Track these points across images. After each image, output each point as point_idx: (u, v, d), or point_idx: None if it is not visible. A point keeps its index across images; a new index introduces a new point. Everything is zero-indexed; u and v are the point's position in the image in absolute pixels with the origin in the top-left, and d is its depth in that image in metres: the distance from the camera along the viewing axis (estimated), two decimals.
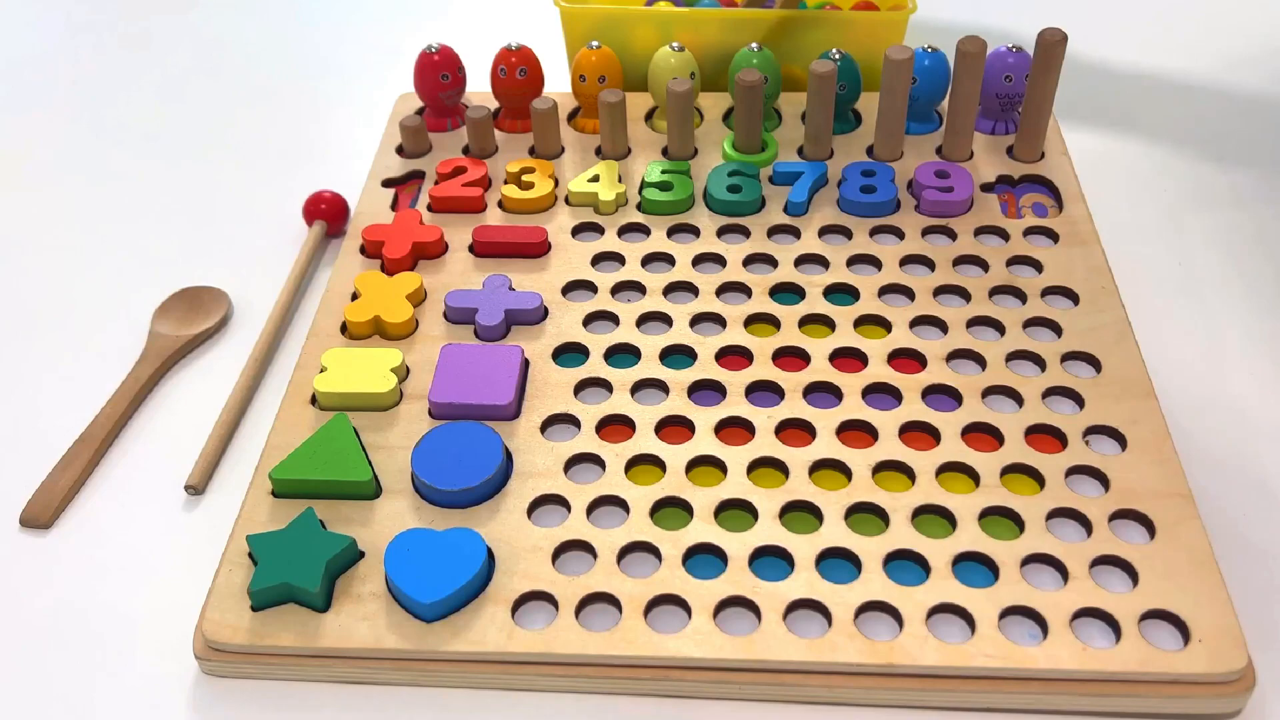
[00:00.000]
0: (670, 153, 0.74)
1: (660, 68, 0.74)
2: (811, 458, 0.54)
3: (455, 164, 0.73)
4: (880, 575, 0.49)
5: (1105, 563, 0.50)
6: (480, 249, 0.68)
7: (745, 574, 0.50)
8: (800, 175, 0.71)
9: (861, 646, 0.47)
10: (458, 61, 0.77)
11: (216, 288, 0.70)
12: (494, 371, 0.59)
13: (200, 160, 0.83)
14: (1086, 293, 0.63)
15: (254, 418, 0.62)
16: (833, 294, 0.64)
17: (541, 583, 0.50)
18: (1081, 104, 0.77)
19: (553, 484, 0.54)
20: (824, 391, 0.58)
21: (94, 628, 0.52)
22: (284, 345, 0.67)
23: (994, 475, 0.53)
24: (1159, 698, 0.46)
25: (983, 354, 0.60)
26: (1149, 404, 0.56)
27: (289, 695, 0.49)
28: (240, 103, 0.90)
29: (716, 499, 0.53)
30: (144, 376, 0.64)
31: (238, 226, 0.76)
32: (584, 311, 0.63)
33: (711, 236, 0.68)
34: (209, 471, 0.59)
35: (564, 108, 0.79)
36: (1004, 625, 0.48)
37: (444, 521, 0.52)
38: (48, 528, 0.57)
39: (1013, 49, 0.73)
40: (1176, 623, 0.48)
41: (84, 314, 0.69)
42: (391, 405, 0.58)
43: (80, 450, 0.59)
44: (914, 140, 0.74)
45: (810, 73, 0.69)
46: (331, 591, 0.50)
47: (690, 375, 0.59)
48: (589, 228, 0.69)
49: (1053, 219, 0.68)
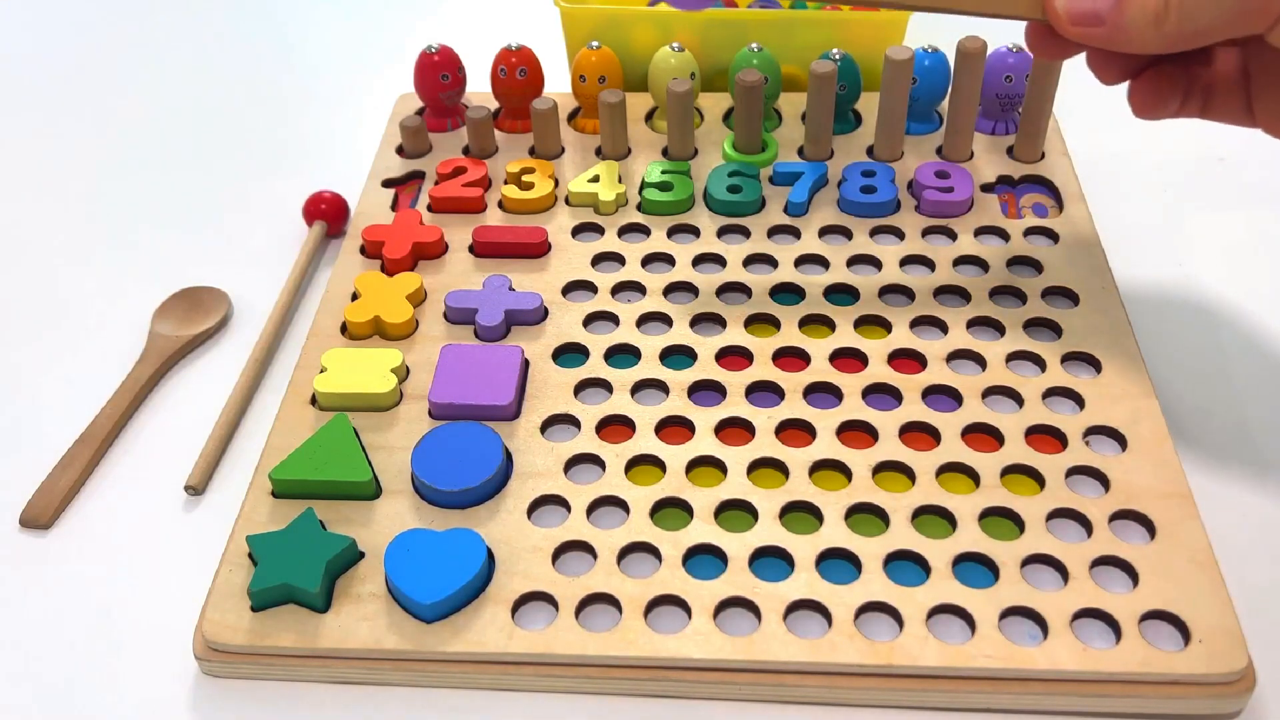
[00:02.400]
0: (670, 153, 0.74)
1: (660, 68, 0.74)
2: (811, 458, 0.54)
3: (455, 164, 0.73)
4: (880, 576, 0.49)
5: (1105, 563, 0.50)
6: (480, 249, 0.68)
7: (745, 574, 0.50)
8: (800, 175, 0.71)
9: (862, 647, 0.47)
10: (458, 62, 0.76)
11: (216, 288, 0.70)
12: (494, 372, 0.58)
13: (200, 160, 0.83)
14: (1086, 293, 0.63)
15: (254, 418, 0.62)
16: (833, 294, 0.64)
17: (541, 583, 0.50)
18: (1081, 104, 0.77)
19: (553, 484, 0.54)
20: (824, 392, 0.58)
21: (94, 628, 0.52)
22: (284, 345, 0.67)
23: (994, 475, 0.53)
24: (1159, 698, 0.46)
25: (983, 354, 0.60)
26: (1149, 404, 0.56)
27: (289, 695, 0.49)
28: (240, 103, 0.90)
29: (716, 499, 0.53)
30: (144, 376, 0.64)
31: (238, 226, 0.76)
32: (584, 312, 0.63)
33: (711, 237, 0.68)
34: (209, 471, 0.59)
35: (564, 108, 0.79)
36: (1004, 626, 0.48)
37: (444, 522, 0.52)
38: (48, 528, 0.56)
39: (1013, 49, 0.73)
40: (1176, 623, 0.48)
41: (84, 314, 0.69)
42: (391, 405, 0.58)
43: (80, 450, 0.59)
44: (914, 140, 0.74)
45: (810, 73, 0.69)
46: (331, 592, 0.50)
47: (690, 375, 0.59)
48: (589, 228, 0.69)
49: (1053, 219, 0.68)
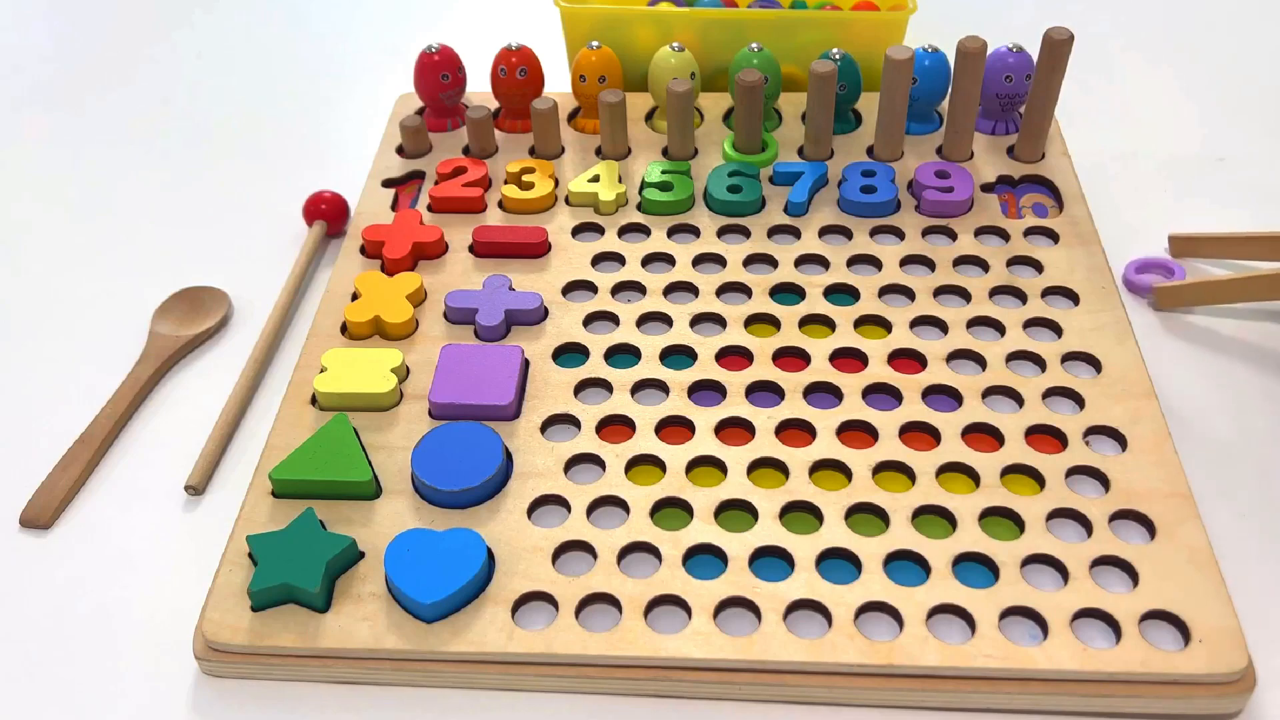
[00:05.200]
0: (670, 153, 0.74)
1: (660, 68, 0.74)
2: (811, 458, 0.54)
3: (455, 164, 0.73)
4: (880, 576, 0.49)
5: (1105, 563, 0.50)
6: (480, 249, 0.68)
7: (745, 574, 0.50)
8: (800, 175, 0.71)
9: (862, 647, 0.47)
10: (458, 61, 0.76)
11: (216, 288, 0.70)
12: (494, 372, 0.58)
13: (200, 160, 0.83)
14: (1086, 293, 0.63)
15: (254, 418, 0.62)
16: (833, 294, 0.64)
17: (541, 583, 0.50)
18: (1082, 104, 0.77)
19: (553, 484, 0.54)
20: (824, 392, 0.58)
21: (94, 628, 0.52)
22: (284, 345, 0.67)
23: (994, 476, 0.53)
24: (1159, 698, 0.46)
25: (983, 354, 0.60)
26: (1149, 404, 0.56)
27: (289, 695, 0.49)
28: (240, 103, 0.90)
29: (716, 499, 0.53)
30: (144, 376, 0.64)
31: (238, 226, 0.76)
32: (584, 312, 0.63)
33: (712, 237, 0.68)
34: (209, 471, 0.58)
35: (564, 108, 0.79)
36: (1004, 626, 0.48)
37: (444, 522, 0.52)
38: (48, 528, 0.56)
39: (1013, 49, 0.72)
40: (1177, 623, 0.48)
41: (84, 314, 0.69)
42: (391, 405, 0.58)
43: (80, 450, 0.59)
44: (914, 140, 0.74)
45: (810, 73, 0.69)
46: (331, 592, 0.50)
47: (690, 375, 0.59)
48: (589, 228, 0.69)
49: (1053, 219, 0.68)
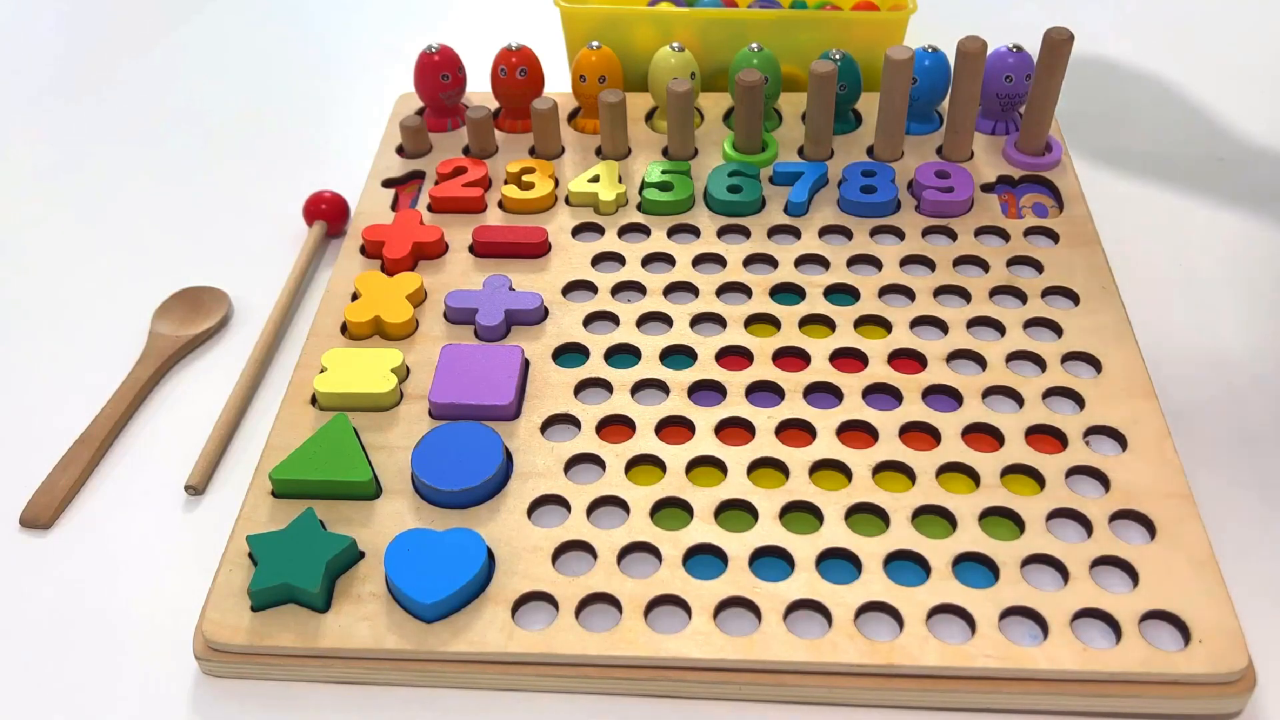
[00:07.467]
0: (670, 153, 0.74)
1: (660, 68, 0.74)
2: (811, 458, 0.54)
3: (455, 164, 0.73)
4: (880, 576, 0.49)
5: (1105, 563, 0.50)
6: (480, 249, 0.68)
7: (745, 574, 0.50)
8: (800, 175, 0.71)
9: (862, 647, 0.47)
10: (458, 61, 0.76)
11: (216, 288, 0.70)
12: (494, 372, 0.58)
13: (200, 160, 0.83)
14: (1086, 293, 0.63)
15: (254, 418, 0.62)
16: (833, 294, 0.64)
17: (541, 583, 0.50)
18: (1082, 104, 0.77)
19: (553, 484, 0.54)
20: (824, 392, 0.58)
21: (94, 628, 0.52)
22: (284, 345, 0.67)
23: (994, 475, 0.53)
24: (1159, 698, 0.46)
25: (983, 354, 0.60)
26: (1149, 404, 0.56)
27: (289, 695, 0.49)
28: (240, 103, 0.90)
29: (716, 499, 0.53)
30: (144, 376, 0.64)
31: (238, 226, 0.76)
32: (584, 312, 0.63)
33: (712, 237, 0.68)
34: (209, 471, 0.58)
35: (564, 108, 0.79)
36: (1004, 626, 0.48)
37: (444, 522, 0.52)
38: (48, 528, 0.56)
39: (1013, 49, 0.73)
40: (1177, 623, 0.48)
41: (84, 314, 0.69)
42: (391, 405, 0.58)
43: (80, 450, 0.59)
44: (914, 140, 0.74)
45: (810, 73, 0.69)
46: (331, 592, 0.50)
47: (690, 375, 0.59)
48: (589, 228, 0.69)
49: (1053, 219, 0.68)
